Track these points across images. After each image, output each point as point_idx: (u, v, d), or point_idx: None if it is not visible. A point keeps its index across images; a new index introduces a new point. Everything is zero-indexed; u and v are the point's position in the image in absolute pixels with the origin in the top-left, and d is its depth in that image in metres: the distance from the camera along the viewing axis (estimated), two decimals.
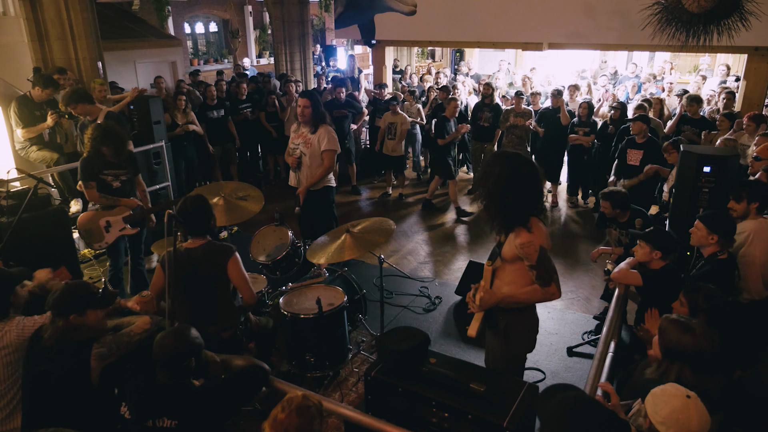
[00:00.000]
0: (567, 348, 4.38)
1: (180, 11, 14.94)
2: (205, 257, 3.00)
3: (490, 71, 11.09)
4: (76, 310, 2.49)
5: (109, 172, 4.44)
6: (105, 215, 4.44)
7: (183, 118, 7.20)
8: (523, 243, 2.58)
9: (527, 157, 2.75)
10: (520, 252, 2.60)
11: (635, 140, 6.02)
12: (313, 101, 4.77)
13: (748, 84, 7.00)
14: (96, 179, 4.40)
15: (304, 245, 4.45)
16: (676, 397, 1.85)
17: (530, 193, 2.60)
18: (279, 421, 1.86)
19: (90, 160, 4.39)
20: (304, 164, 4.86)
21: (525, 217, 2.60)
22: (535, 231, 2.59)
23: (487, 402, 2.31)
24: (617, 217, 4.45)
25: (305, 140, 4.83)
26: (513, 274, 2.71)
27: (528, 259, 2.60)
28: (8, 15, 6.75)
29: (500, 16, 8.38)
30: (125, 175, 4.54)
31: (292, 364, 3.83)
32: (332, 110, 7.83)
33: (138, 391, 2.30)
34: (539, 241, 2.58)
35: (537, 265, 2.59)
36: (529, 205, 2.61)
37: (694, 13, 6.56)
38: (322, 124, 4.82)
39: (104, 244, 4.49)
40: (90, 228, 4.40)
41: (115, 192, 4.49)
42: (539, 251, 2.57)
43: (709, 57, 10.75)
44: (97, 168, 4.39)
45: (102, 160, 4.38)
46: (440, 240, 6.64)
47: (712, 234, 3.23)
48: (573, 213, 7.43)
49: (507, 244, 2.67)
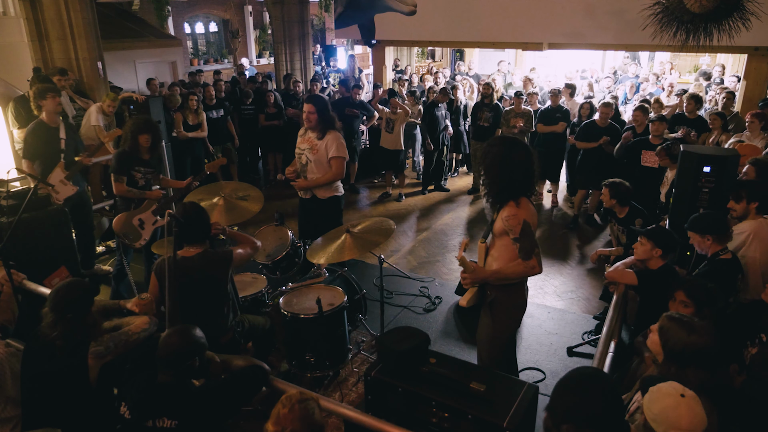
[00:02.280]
0: (567, 348, 4.38)
1: (180, 11, 14.94)
2: (202, 267, 2.98)
3: (490, 71, 11.08)
4: (90, 306, 2.51)
5: (139, 169, 4.54)
6: (135, 214, 4.50)
7: (195, 119, 7.22)
8: (509, 215, 2.82)
9: (522, 141, 3.01)
10: (505, 225, 2.84)
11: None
12: (318, 106, 4.50)
13: (748, 84, 7.00)
14: (127, 174, 4.49)
15: (304, 245, 4.45)
16: (670, 395, 1.86)
17: (523, 172, 2.84)
18: (282, 416, 1.88)
19: (126, 154, 4.48)
20: (309, 172, 4.59)
21: (516, 194, 2.84)
22: (522, 206, 2.83)
23: (487, 402, 2.31)
24: (615, 210, 4.45)
25: (312, 146, 4.55)
26: (501, 249, 2.95)
27: (512, 231, 2.83)
28: (8, 15, 6.76)
29: (500, 16, 8.38)
30: (151, 174, 4.64)
31: (292, 364, 3.83)
32: (344, 108, 7.83)
33: (138, 391, 2.30)
34: (523, 215, 2.81)
35: (520, 237, 2.81)
36: (522, 182, 2.85)
37: (695, 13, 6.55)
38: (331, 129, 4.54)
39: (143, 241, 4.55)
40: (126, 230, 4.46)
41: (139, 189, 4.59)
42: (522, 224, 2.80)
43: (709, 57, 10.76)
44: (131, 163, 4.49)
45: (136, 156, 4.48)
46: (440, 240, 6.64)
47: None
48: (573, 213, 7.43)
49: (497, 219, 2.92)
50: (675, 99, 7.78)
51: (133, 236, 4.48)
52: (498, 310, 3.06)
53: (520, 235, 2.81)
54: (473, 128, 8.01)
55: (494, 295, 3.04)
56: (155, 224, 4.58)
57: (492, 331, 3.10)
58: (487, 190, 2.96)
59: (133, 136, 4.43)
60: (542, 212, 7.51)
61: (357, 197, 8.22)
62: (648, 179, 5.57)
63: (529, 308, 4.90)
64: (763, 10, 6.33)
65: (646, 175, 5.67)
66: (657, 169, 5.50)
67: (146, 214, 4.54)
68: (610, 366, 2.73)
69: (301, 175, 4.65)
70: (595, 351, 2.83)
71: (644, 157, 5.77)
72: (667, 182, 5.24)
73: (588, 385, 1.78)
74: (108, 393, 2.56)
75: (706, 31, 6.60)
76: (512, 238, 2.85)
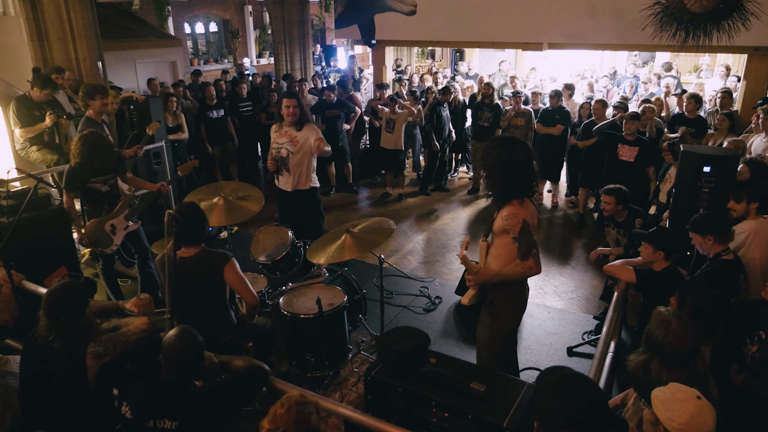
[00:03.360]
0: (567, 348, 4.38)
1: (180, 11, 14.93)
2: (200, 265, 2.98)
3: (491, 71, 11.08)
4: (84, 308, 2.50)
5: (96, 180, 4.45)
6: (107, 220, 4.49)
7: (174, 121, 7.13)
8: (508, 214, 2.83)
9: (523, 141, 3.01)
10: (505, 224, 2.85)
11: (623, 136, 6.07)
12: (299, 101, 4.90)
13: (748, 84, 7.00)
14: (82, 189, 4.44)
15: (304, 245, 4.45)
16: (689, 400, 1.85)
17: (525, 171, 2.86)
18: (279, 416, 1.89)
19: (76, 171, 4.35)
20: (291, 163, 4.89)
21: (518, 194, 2.86)
22: (523, 206, 2.84)
23: (487, 402, 2.31)
24: (616, 215, 4.44)
25: (291, 138, 4.86)
26: (500, 248, 2.97)
27: (511, 230, 2.83)
28: (8, 15, 6.75)
29: (500, 16, 8.38)
30: (113, 178, 4.57)
31: (292, 364, 3.83)
32: (324, 110, 7.84)
33: (139, 392, 2.30)
34: (523, 214, 2.82)
35: (519, 237, 2.82)
36: (524, 182, 2.87)
37: (695, 13, 6.55)
38: (308, 122, 4.95)
39: (114, 247, 4.56)
40: (98, 236, 4.45)
41: (105, 196, 4.52)
42: (522, 224, 2.81)
43: (709, 57, 10.75)
44: (84, 178, 4.39)
45: (89, 170, 4.36)
46: (440, 240, 6.63)
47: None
48: (573, 213, 7.43)
49: (497, 218, 2.93)
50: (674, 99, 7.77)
51: (104, 242, 4.48)
52: (498, 309, 3.07)
53: (519, 234, 2.83)
54: (473, 128, 8.01)
55: (494, 294, 3.06)
56: (127, 229, 4.59)
57: (492, 330, 3.12)
58: (490, 190, 3.01)
59: (81, 158, 4.25)
60: (543, 212, 7.51)
61: (357, 197, 8.22)
62: (624, 173, 5.90)
63: (529, 308, 4.91)
64: (763, 10, 6.32)
65: (622, 168, 6.02)
66: (632, 163, 5.94)
67: (118, 220, 4.52)
68: (609, 366, 2.73)
69: (280, 169, 4.97)
70: (595, 351, 2.82)
71: (620, 151, 6.05)
72: (670, 180, 5.26)
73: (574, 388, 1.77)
74: (107, 393, 2.56)
75: (705, 31, 6.61)
76: (512, 237, 2.86)
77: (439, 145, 7.92)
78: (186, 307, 2.97)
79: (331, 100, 7.88)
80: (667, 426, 1.84)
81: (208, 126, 7.72)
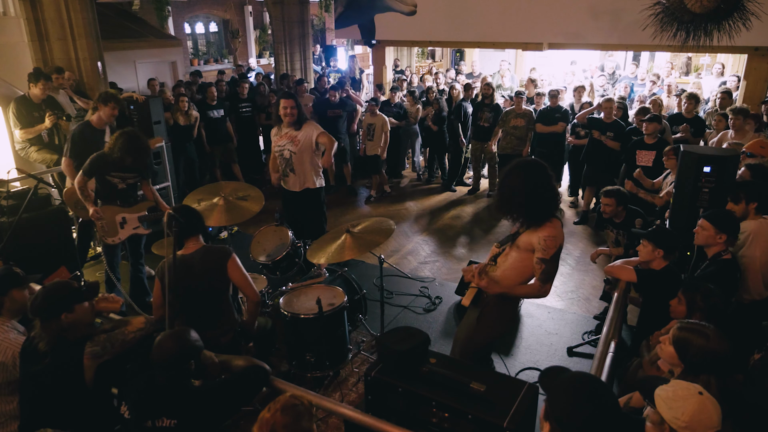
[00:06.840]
0: (567, 348, 4.38)
1: (180, 11, 14.94)
2: (203, 261, 2.98)
3: (491, 71, 11.08)
4: (66, 309, 2.47)
5: (116, 175, 4.40)
6: (122, 211, 4.47)
7: (186, 120, 7.18)
8: (548, 236, 2.75)
9: (538, 162, 2.89)
10: (541, 243, 2.76)
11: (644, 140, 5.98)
12: (297, 101, 4.89)
13: (748, 84, 7.01)
14: (99, 178, 4.38)
15: (304, 245, 4.45)
16: (691, 396, 1.82)
17: (549, 189, 2.80)
18: (265, 421, 1.86)
19: (102, 160, 4.28)
20: (295, 163, 4.90)
21: (548, 216, 2.79)
22: (559, 228, 2.79)
23: (487, 402, 2.30)
24: (616, 217, 4.44)
25: (291, 139, 4.86)
26: (516, 262, 2.89)
27: (545, 252, 2.76)
28: (8, 15, 6.75)
29: (500, 16, 8.39)
30: (132, 179, 4.52)
31: (293, 364, 3.83)
32: (326, 110, 7.83)
33: (137, 391, 2.30)
34: (562, 239, 2.79)
35: (549, 260, 2.76)
36: (550, 204, 2.80)
37: (695, 13, 6.56)
38: (306, 120, 4.94)
39: (117, 240, 4.51)
40: (106, 221, 4.42)
41: (119, 193, 4.48)
42: (557, 249, 2.77)
43: (709, 57, 10.75)
44: (106, 169, 4.34)
45: (116, 163, 4.28)
46: (440, 240, 6.63)
47: (720, 234, 3.21)
48: (573, 213, 7.43)
49: (526, 234, 2.84)
50: (674, 99, 7.78)
51: (109, 231, 4.44)
52: (486, 318, 3.04)
53: (550, 258, 2.77)
54: (473, 128, 8.01)
55: (489, 300, 3.02)
56: (136, 229, 4.57)
57: (472, 334, 3.08)
58: (515, 216, 2.87)
59: (120, 153, 4.20)
60: None
61: (356, 198, 8.22)
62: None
63: (529, 308, 4.95)
64: (763, 10, 6.33)
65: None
66: (651, 168, 5.72)
67: (132, 216, 4.51)
68: (610, 366, 2.73)
69: (286, 171, 4.96)
70: (595, 351, 2.82)
71: (639, 157, 5.98)
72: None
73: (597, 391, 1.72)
74: (105, 393, 2.55)
75: (706, 31, 6.61)
76: (539, 257, 2.78)
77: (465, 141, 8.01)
78: (189, 307, 2.97)
79: (335, 100, 7.88)
80: (672, 424, 1.81)
81: (208, 126, 7.72)
